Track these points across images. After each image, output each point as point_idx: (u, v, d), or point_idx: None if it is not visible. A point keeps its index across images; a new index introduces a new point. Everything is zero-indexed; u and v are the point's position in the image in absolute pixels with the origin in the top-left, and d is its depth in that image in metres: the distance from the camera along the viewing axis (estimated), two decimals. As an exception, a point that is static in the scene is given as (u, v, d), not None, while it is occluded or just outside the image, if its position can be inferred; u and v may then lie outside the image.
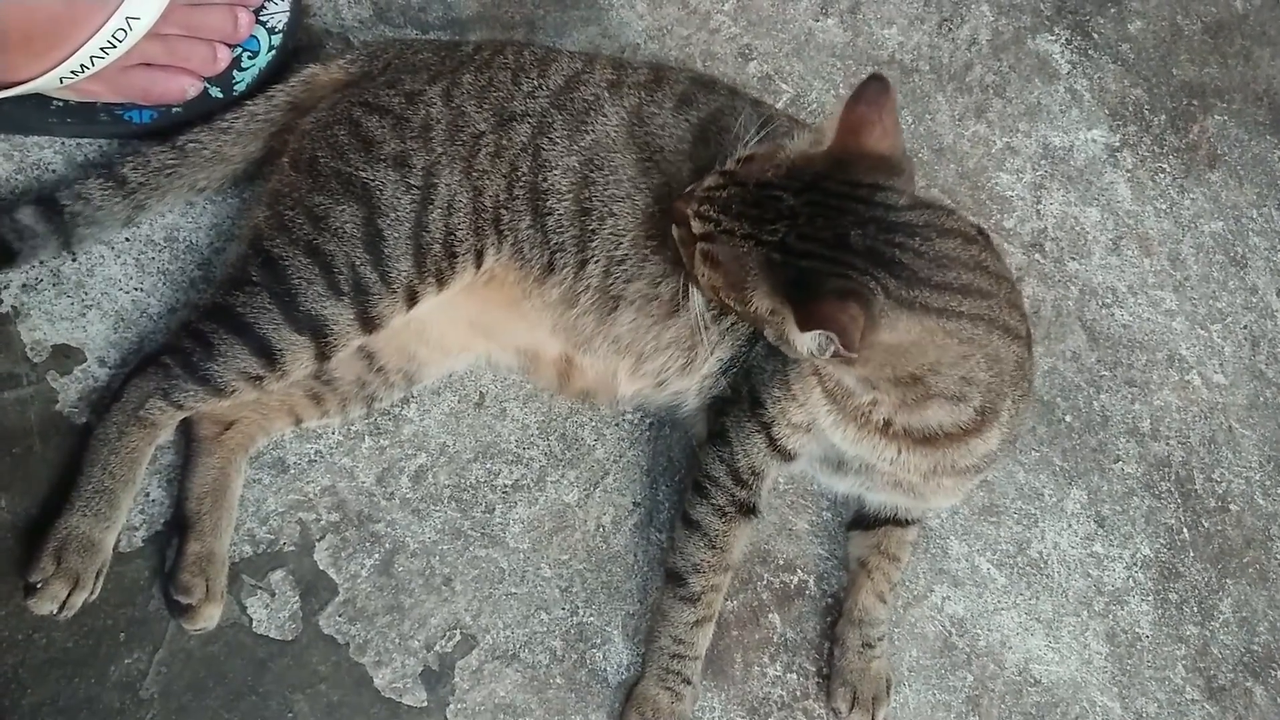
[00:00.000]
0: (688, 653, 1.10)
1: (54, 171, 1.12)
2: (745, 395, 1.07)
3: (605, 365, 1.12)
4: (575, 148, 1.06)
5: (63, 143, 1.13)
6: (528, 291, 1.08)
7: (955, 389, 0.94)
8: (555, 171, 1.05)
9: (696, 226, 0.93)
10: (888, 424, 0.99)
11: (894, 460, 1.02)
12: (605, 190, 1.06)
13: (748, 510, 1.09)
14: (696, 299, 1.01)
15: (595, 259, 1.06)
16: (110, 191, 1.07)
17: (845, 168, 0.88)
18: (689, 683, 1.10)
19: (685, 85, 1.10)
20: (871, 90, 0.88)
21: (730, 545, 1.09)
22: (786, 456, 1.07)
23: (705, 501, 1.09)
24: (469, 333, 1.14)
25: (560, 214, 1.05)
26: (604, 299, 1.07)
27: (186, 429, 1.07)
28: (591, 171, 1.06)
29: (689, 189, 0.96)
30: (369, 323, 1.02)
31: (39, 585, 0.98)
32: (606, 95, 1.08)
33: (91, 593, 1.00)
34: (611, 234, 1.06)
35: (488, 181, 1.05)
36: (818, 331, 0.83)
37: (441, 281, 1.04)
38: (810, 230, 0.87)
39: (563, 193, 1.05)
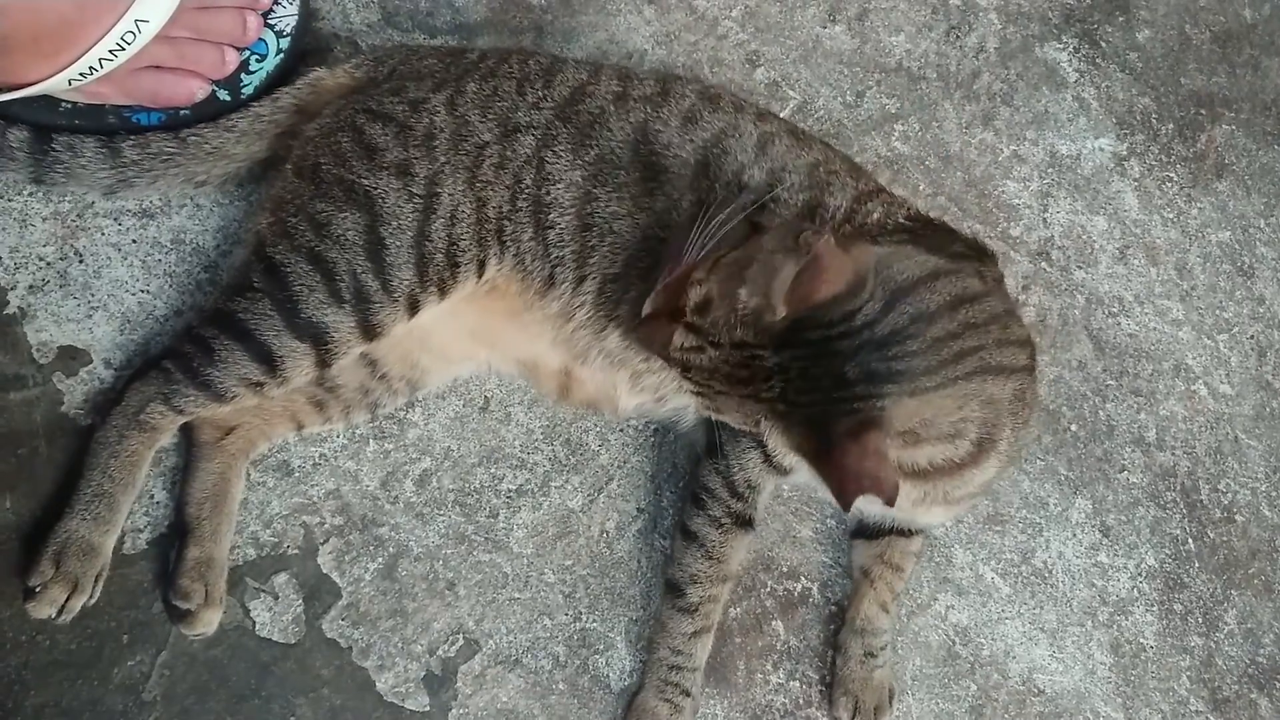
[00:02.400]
0: (686, 664, 1.09)
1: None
2: None
3: (604, 378, 1.12)
4: (579, 162, 1.05)
5: (71, 144, 1.13)
6: (529, 303, 1.08)
7: (950, 430, 0.94)
8: (559, 185, 1.05)
9: (688, 387, 0.92)
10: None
11: None
12: (607, 207, 1.05)
13: (744, 522, 1.09)
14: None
15: (592, 275, 1.06)
16: (102, 158, 1.07)
17: (810, 317, 0.85)
18: (688, 694, 1.10)
19: (691, 100, 1.09)
20: (807, 271, 0.84)
21: (727, 556, 1.09)
22: (782, 471, 1.08)
23: (702, 513, 1.10)
24: (471, 342, 1.13)
25: (562, 228, 1.05)
26: (597, 316, 1.07)
27: (187, 434, 1.07)
28: (595, 187, 1.05)
29: (646, 311, 0.94)
30: (370, 330, 1.02)
31: (38, 589, 0.98)
32: (612, 109, 1.07)
33: (90, 596, 1.00)
34: (610, 251, 1.05)
35: (491, 192, 1.04)
36: (859, 498, 0.82)
37: (444, 290, 1.04)
38: (805, 382, 0.85)
39: (565, 207, 1.05)
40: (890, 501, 0.81)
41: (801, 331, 0.85)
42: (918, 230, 1.08)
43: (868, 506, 1.10)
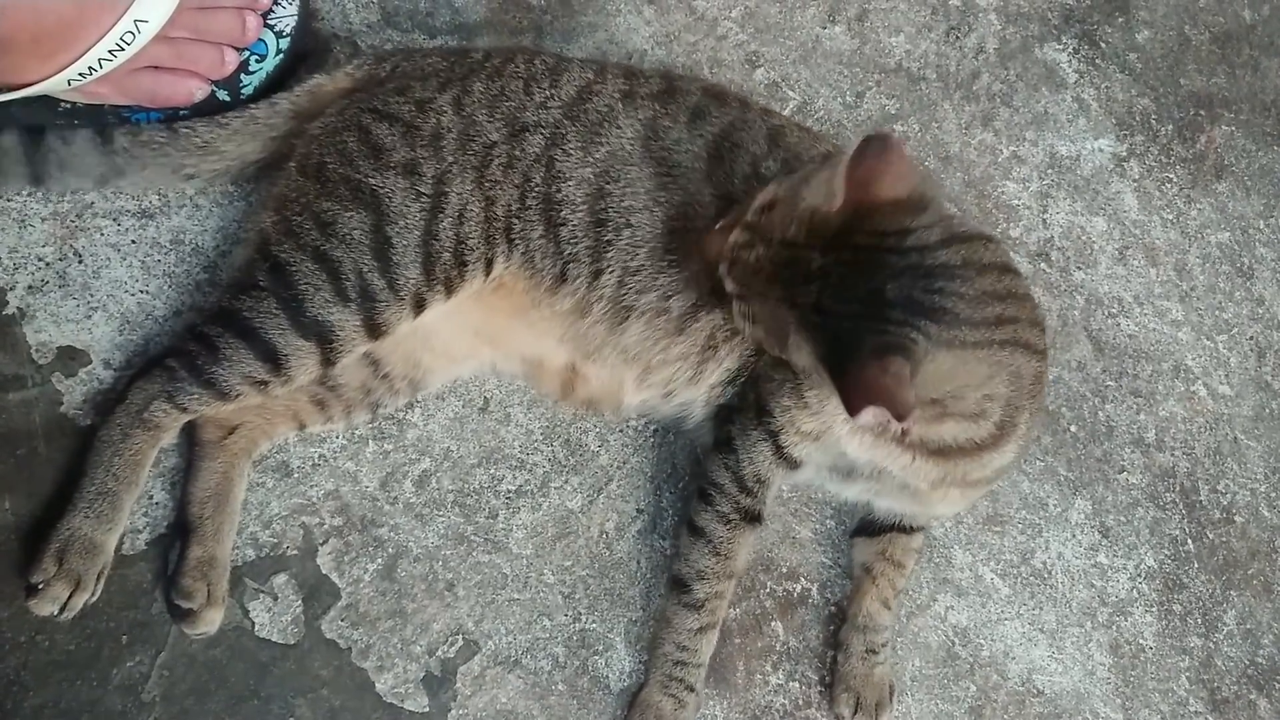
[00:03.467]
0: (691, 660, 1.09)
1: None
2: (752, 403, 1.07)
3: (612, 375, 1.12)
4: (590, 159, 1.06)
5: (70, 145, 1.13)
6: (537, 301, 1.08)
7: (975, 408, 0.94)
8: (570, 183, 1.05)
9: (730, 287, 0.92)
10: (904, 432, 0.99)
11: (906, 466, 1.02)
12: (622, 202, 1.06)
13: (752, 518, 1.09)
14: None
15: (610, 269, 1.06)
16: (93, 144, 1.07)
17: (866, 219, 0.85)
18: (692, 690, 1.10)
19: (697, 97, 1.10)
20: (873, 148, 0.85)
21: (735, 552, 1.09)
22: (793, 464, 1.07)
23: (710, 509, 1.09)
24: (474, 340, 1.13)
25: (575, 225, 1.05)
26: (616, 309, 1.07)
27: (190, 433, 1.07)
28: (607, 184, 1.06)
29: (718, 227, 0.95)
30: (375, 329, 1.02)
31: (40, 586, 0.98)
32: (620, 107, 1.08)
33: (93, 594, 1.00)
34: (629, 244, 1.06)
35: (500, 191, 1.05)
36: (867, 409, 0.80)
37: (450, 289, 1.04)
38: (844, 289, 0.84)
39: (577, 204, 1.05)
40: (900, 416, 0.79)
41: (852, 236, 0.84)
42: None
43: (884, 490, 1.10)
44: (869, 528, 1.19)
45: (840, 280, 0.84)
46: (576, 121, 1.07)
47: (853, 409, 0.80)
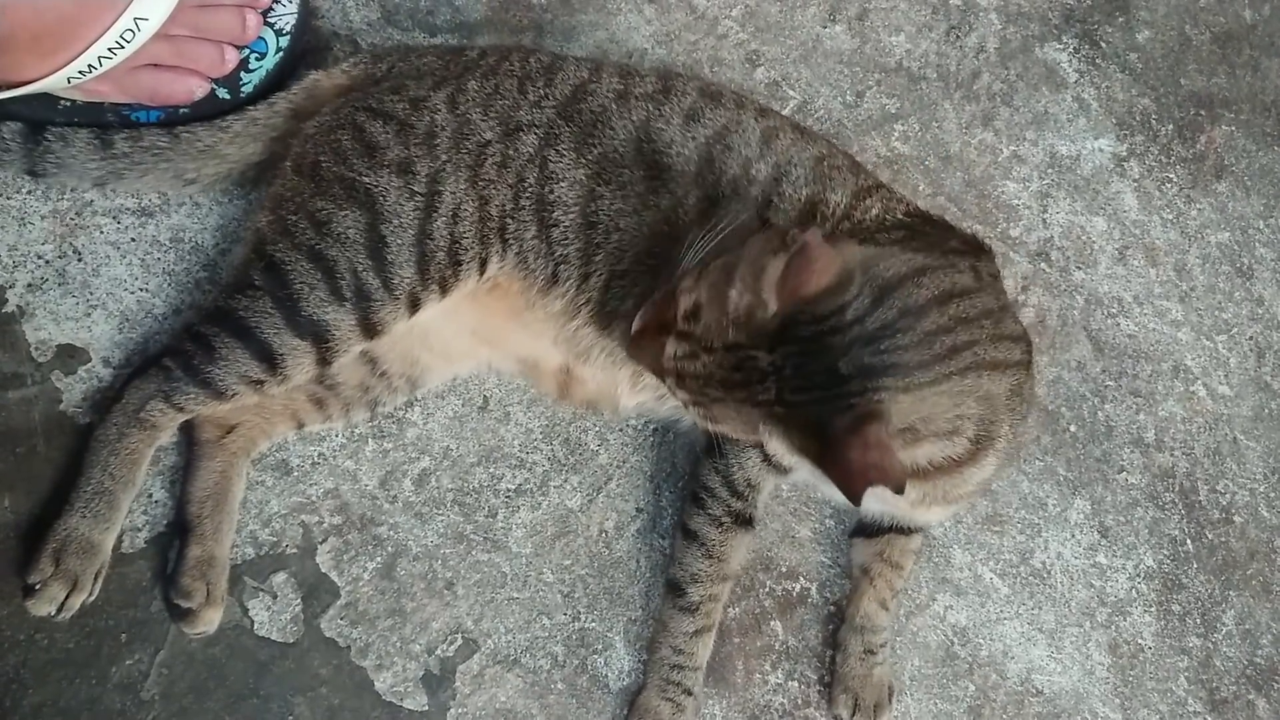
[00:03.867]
0: (688, 663, 1.09)
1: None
2: None
3: (605, 377, 1.11)
4: (583, 160, 1.05)
5: (70, 142, 1.13)
6: (531, 302, 1.08)
7: (947, 427, 0.93)
8: (562, 184, 1.05)
9: (683, 397, 0.91)
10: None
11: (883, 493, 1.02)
12: (612, 205, 1.05)
13: (744, 521, 1.09)
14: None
15: (598, 272, 1.06)
16: (93, 149, 1.07)
17: (802, 313, 0.84)
18: (690, 693, 1.10)
19: (692, 98, 1.09)
20: (795, 261, 0.84)
21: (728, 555, 1.09)
22: (782, 470, 1.08)
23: (702, 512, 1.10)
24: (471, 340, 1.13)
25: (566, 226, 1.05)
26: (602, 313, 1.07)
27: (188, 433, 1.07)
28: (599, 185, 1.05)
29: (634, 329, 0.94)
30: (371, 328, 1.02)
31: (37, 587, 0.98)
32: (614, 107, 1.07)
33: (90, 594, 1.00)
34: (616, 248, 1.05)
35: (494, 191, 1.04)
36: (868, 492, 0.80)
37: (445, 289, 1.04)
38: (801, 380, 0.84)
39: (569, 205, 1.05)
40: (899, 490, 0.80)
41: (793, 329, 0.84)
42: (915, 226, 1.08)
43: (869, 504, 1.10)
44: (867, 528, 1.19)
45: (795, 372, 0.84)
46: (571, 121, 1.06)
47: (855, 499, 0.81)
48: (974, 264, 1.01)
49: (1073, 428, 1.32)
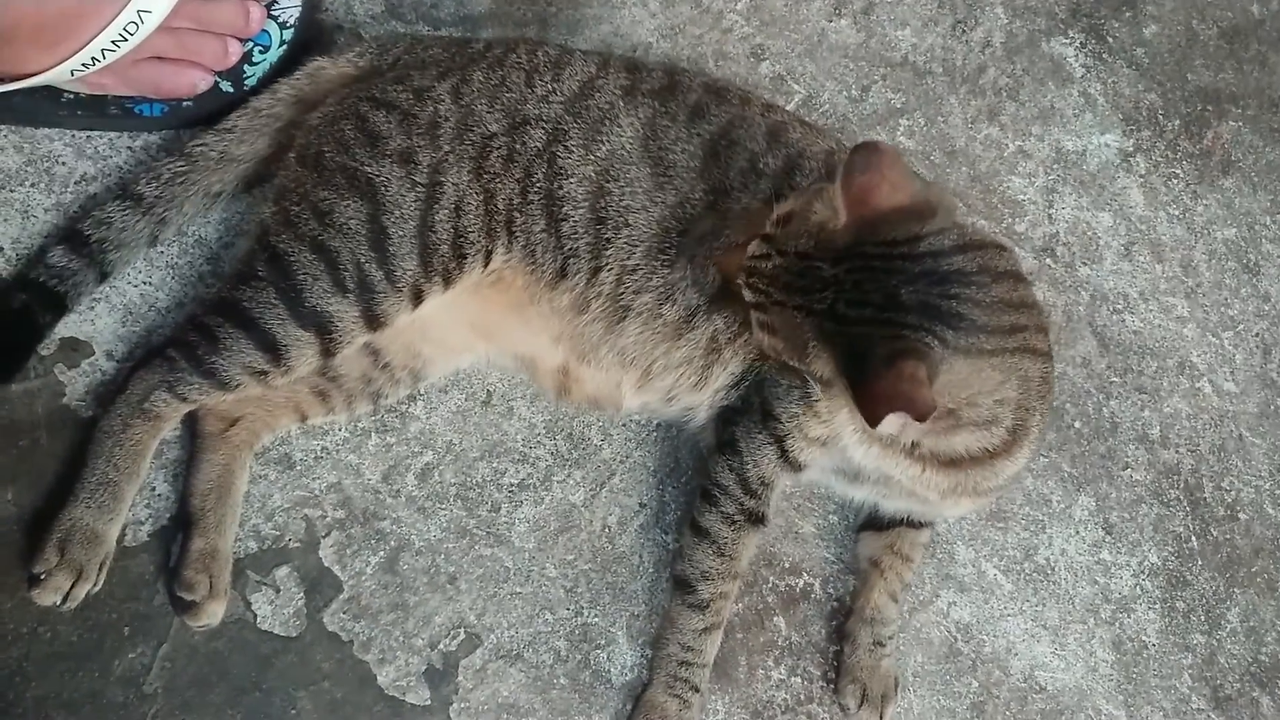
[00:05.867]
0: (695, 660, 1.09)
1: (63, 163, 1.12)
2: (757, 407, 1.06)
3: (609, 377, 1.11)
4: (591, 157, 1.05)
5: (73, 135, 1.13)
6: (535, 296, 1.08)
7: (988, 414, 0.93)
8: (572, 180, 1.05)
9: (748, 296, 0.91)
10: (915, 445, 0.98)
11: (916, 478, 1.01)
12: (621, 201, 1.05)
13: (756, 519, 1.09)
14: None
15: (609, 266, 1.06)
16: (129, 211, 1.07)
17: (873, 231, 0.84)
18: (697, 690, 1.09)
19: (698, 94, 1.10)
20: (860, 157, 0.84)
21: (739, 553, 1.09)
22: (797, 468, 1.07)
23: (714, 510, 1.09)
24: (469, 334, 1.13)
25: (576, 221, 1.05)
26: (614, 307, 1.07)
27: (191, 425, 1.07)
28: (608, 182, 1.05)
29: (727, 242, 0.95)
30: (374, 320, 1.02)
31: (42, 577, 0.98)
32: (621, 104, 1.07)
33: (95, 584, 1.00)
34: (626, 243, 1.05)
35: (500, 184, 1.04)
36: (887, 418, 0.79)
37: (448, 281, 1.04)
38: (858, 295, 0.84)
39: (579, 200, 1.05)
40: (922, 418, 0.78)
41: (861, 247, 0.84)
42: None
43: (892, 495, 1.10)
44: (876, 522, 1.19)
45: (854, 286, 0.84)
46: (578, 118, 1.06)
47: (871, 419, 0.80)
48: None
49: (1077, 424, 1.31)
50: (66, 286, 1.05)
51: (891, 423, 0.80)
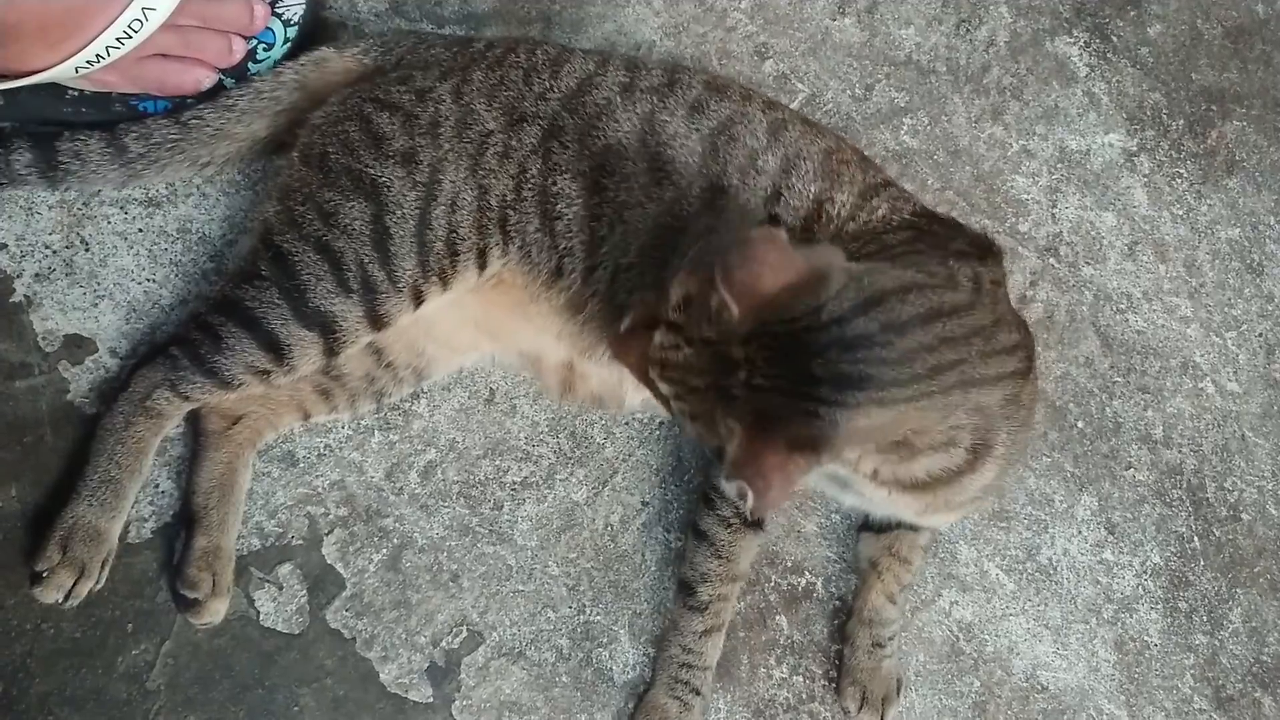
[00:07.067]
0: (696, 662, 1.09)
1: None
2: None
3: (610, 374, 1.11)
4: (586, 153, 1.05)
5: (77, 132, 1.13)
6: (534, 295, 1.08)
7: (943, 439, 0.91)
8: (565, 176, 1.05)
9: (664, 389, 0.89)
10: (875, 472, 0.97)
11: (885, 501, 1.00)
12: (617, 197, 1.05)
13: (753, 523, 1.09)
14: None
15: (604, 265, 1.05)
16: (109, 157, 1.08)
17: (771, 312, 0.82)
18: (698, 693, 1.10)
19: (698, 90, 1.09)
20: (734, 256, 0.82)
21: (736, 555, 1.09)
22: None
23: (712, 513, 1.10)
24: (474, 333, 1.13)
25: (570, 218, 1.05)
26: (609, 306, 1.06)
27: (194, 424, 1.07)
28: (603, 178, 1.05)
29: (624, 328, 0.93)
30: (377, 320, 1.02)
31: (45, 574, 0.98)
32: (619, 100, 1.07)
33: (97, 582, 1.01)
34: (621, 241, 1.05)
35: (494, 181, 1.04)
36: (735, 481, 0.79)
37: (445, 280, 1.04)
38: (769, 369, 0.82)
39: (573, 197, 1.05)
40: (755, 509, 0.79)
41: (766, 326, 0.82)
42: (922, 226, 1.07)
43: (874, 508, 1.11)
44: (875, 524, 1.19)
45: (766, 364, 0.82)
46: (575, 114, 1.06)
47: (730, 472, 0.80)
48: (976, 271, 0.99)
49: (1080, 424, 1.31)
50: (8, 180, 1.07)
51: (734, 488, 0.79)
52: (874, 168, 1.13)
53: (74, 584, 0.99)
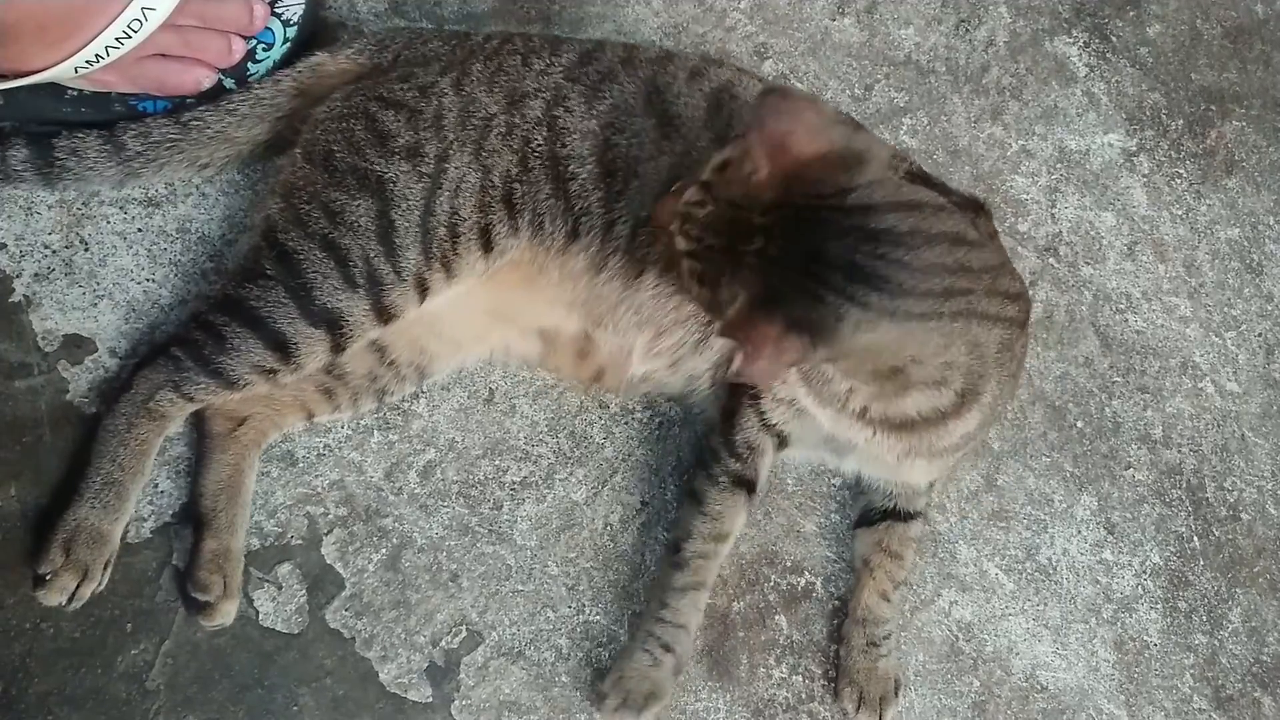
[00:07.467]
0: (671, 618, 1.09)
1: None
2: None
3: (623, 340, 1.11)
4: (594, 112, 1.06)
5: (76, 132, 1.13)
6: (544, 266, 1.08)
7: (936, 375, 0.94)
8: (574, 136, 1.06)
9: (681, 244, 0.90)
10: (864, 410, 0.99)
11: (869, 440, 1.04)
12: (629, 152, 1.06)
13: (742, 483, 1.10)
14: None
15: (623, 219, 1.06)
16: (106, 155, 1.08)
17: (798, 182, 0.82)
18: (669, 650, 1.08)
19: (695, 61, 1.12)
20: (771, 103, 0.82)
21: (721, 514, 1.10)
22: (776, 434, 1.10)
23: (702, 472, 1.13)
24: (487, 322, 1.13)
25: (584, 178, 1.06)
26: (631, 261, 1.06)
27: (199, 426, 1.07)
28: (613, 135, 1.06)
29: (672, 190, 0.94)
30: (383, 313, 1.02)
31: (48, 577, 0.98)
32: (620, 68, 1.09)
33: (99, 584, 1.00)
34: (637, 195, 1.05)
35: (497, 159, 1.05)
36: (730, 340, 0.79)
37: (448, 267, 1.04)
38: (786, 244, 0.82)
39: (585, 157, 1.06)
40: (753, 380, 0.81)
41: (792, 196, 0.82)
42: (923, 178, 1.10)
43: (859, 460, 1.13)
44: (867, 517, 1.19)
45: (783, 235, 0.82)
46: (578, 81, 1.08)
47: (722, 329, 0.81)
48: (974, 220, 1.01)
49: (1080, 423, 1.31)
50: (5, 178, 1.07)
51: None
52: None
53: (77, 586, 0.99)
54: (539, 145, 1.06)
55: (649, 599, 1.12)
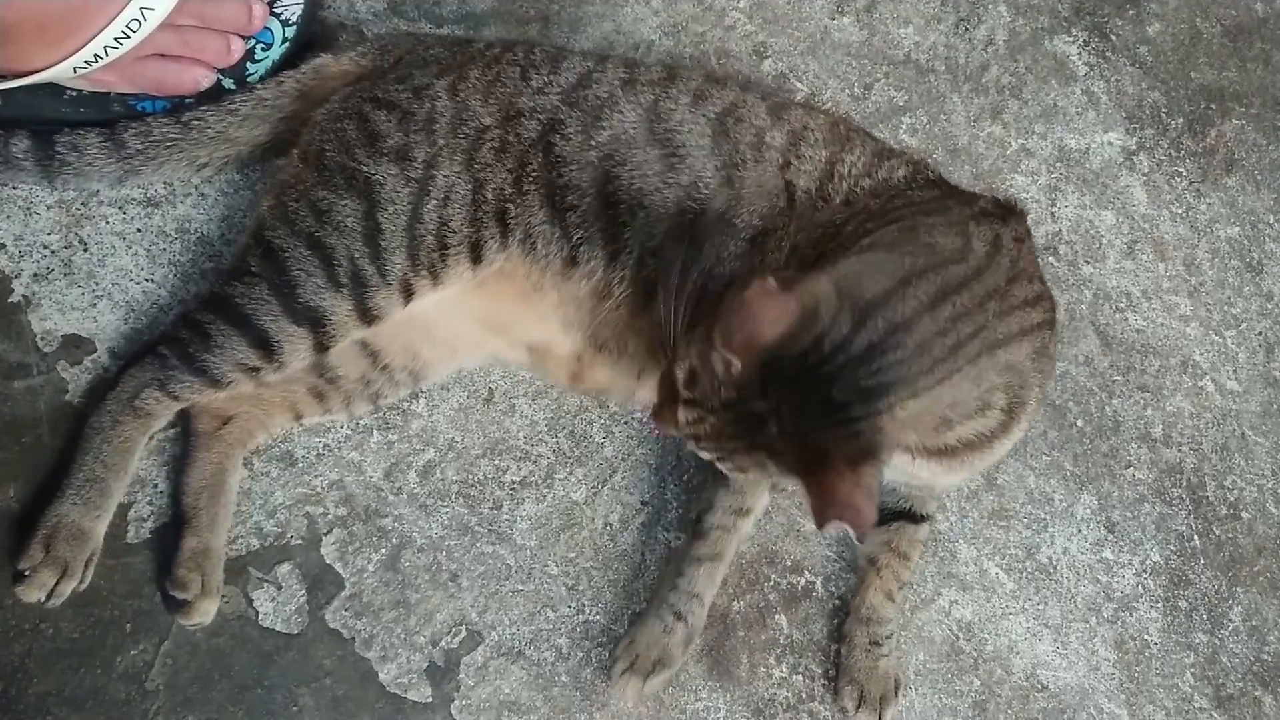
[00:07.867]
0: (685, 586, 1.10)
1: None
2: None
3: (631, 365, 1.10)
4: (592, 143, 1.05)
5: (75, 132, 1.12)
6: (538, 285, 1.08)
7: (978, 405, 0.92)
8: (572, 167, 1.05)
9: (707, 456, 0.92)
10: (909, 446, 0.97)
11: (908, 465, 1.01)
12: (632, 185, 1.05)
13: None
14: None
15: (629, 250, 1.05)
16: (106, 152, 1.08)
17: (777, 358, 0.82)
18: (681, 618, 1.09)
19: (698, 82, 1.10)
20: (729, 319, 0.82)
21: (744, 490, 1.11)
22: None
23: None
24: (479, 330, 1.13)
25: (584, 210, 1.05)
26: (638, 291, 1.06)
27: (185, 423, 1.07)
28: (614, 167, 1.05)
29: (656, 403, 0.95)
30: (367, 314, 1.02)
31: (27, 573, 0.98)
32: (620, 93, 1.07)
33: (81, 581, 1.00)
34: (644, 225, 1.05)
35: (490, 175, 1.04)
36: (832, 524, 0.79)
37: (435, 275, 1.03)
38: (799, 414, 0.83)
39: (584, 189, 1.05)
40: (861, 539, 0.82)
41: (775, 373, 0.83)
42: (947, 188, 1.10)
43: (896, 475, 1.10)
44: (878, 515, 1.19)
45: (792, 410, 0.83)
46: (576, 107, 1.06)
47: (820, 521, 0.81)
48: (997, 231, 0.99)
49: (1080, 422, 1.31)
50: (5, 171, 1.08)
51: (833, 528, 0.80)
52: (882, 142, 1.15)
53: (56, 583, 0.98)
54: (534, 171, 1.04)
55: (665, 569, 1.13)
